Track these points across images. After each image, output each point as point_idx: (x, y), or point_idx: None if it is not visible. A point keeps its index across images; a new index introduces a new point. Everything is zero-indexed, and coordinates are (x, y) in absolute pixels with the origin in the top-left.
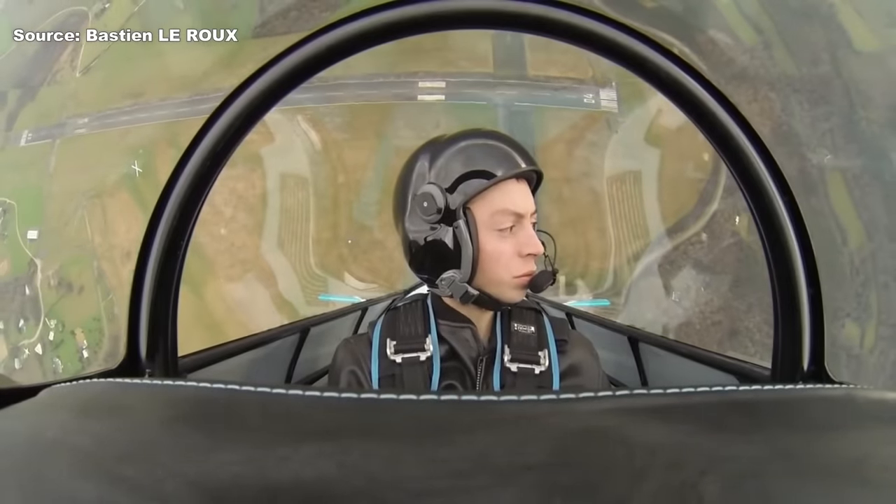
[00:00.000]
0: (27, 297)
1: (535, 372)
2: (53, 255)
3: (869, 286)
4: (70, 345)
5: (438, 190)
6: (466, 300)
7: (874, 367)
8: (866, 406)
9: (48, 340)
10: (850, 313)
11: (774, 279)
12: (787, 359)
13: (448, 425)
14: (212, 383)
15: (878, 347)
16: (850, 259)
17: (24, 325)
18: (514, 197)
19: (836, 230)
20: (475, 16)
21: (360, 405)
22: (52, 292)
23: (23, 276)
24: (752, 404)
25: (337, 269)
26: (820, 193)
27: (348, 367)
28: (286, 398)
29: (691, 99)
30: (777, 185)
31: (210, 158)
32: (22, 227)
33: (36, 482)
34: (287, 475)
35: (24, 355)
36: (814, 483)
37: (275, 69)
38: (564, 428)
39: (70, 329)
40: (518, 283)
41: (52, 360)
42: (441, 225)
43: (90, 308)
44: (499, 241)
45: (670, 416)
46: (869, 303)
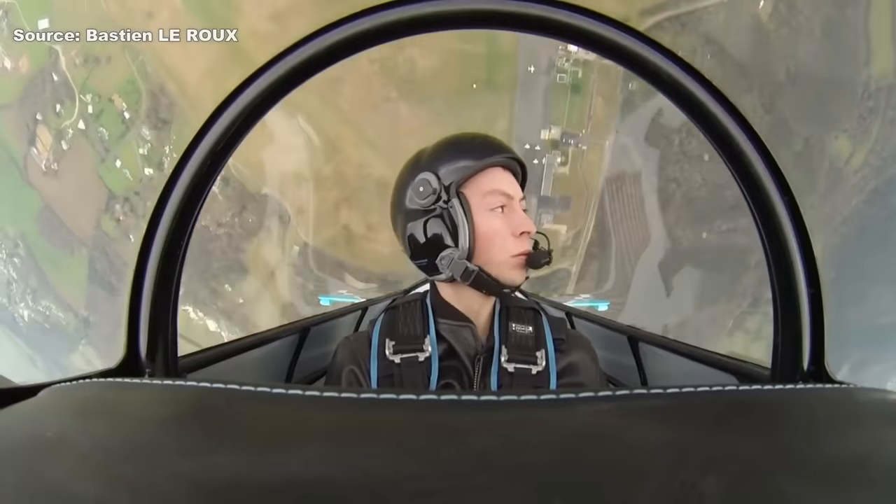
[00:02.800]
0: (57, 82)
1: (531, 372)
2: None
3: (876, 114)
4: (110, 112)
5: (432, 174)
6: (467, 277)
7: (851, 188)
8: (866, 406)
9: (88, 114)
10: (847, 129)
11: (774, 279)
12: (787, 359)
13: (448, 425)
14: (212, 383)
15: (862, 172)
16: (865, 80)
17: (61, 109)
18: (503, 180)
19: (863, 47)
20: (475, 16)
21: (360, 405)
22: (80, 70)
23: (46, 65)
24: (752, 404)
25: None
26: (860, 4)
27: (348, 366)
28: (286, 398)
29: (691, 99)
30: (777, 185)
31: (210, 158)
32: (31, 20)
33: (36, 482)
34: (287, 475)
35: (69, 135)
36: (814, 482)
37: (275, 69)
38: (564, 428)
39: (107, 97)
40: (516, 262)
41: (97, 131)
42: (437, 207)
43: (122, 73)
44: (493, 219)
45: (670, 416)
46: (869, 129)
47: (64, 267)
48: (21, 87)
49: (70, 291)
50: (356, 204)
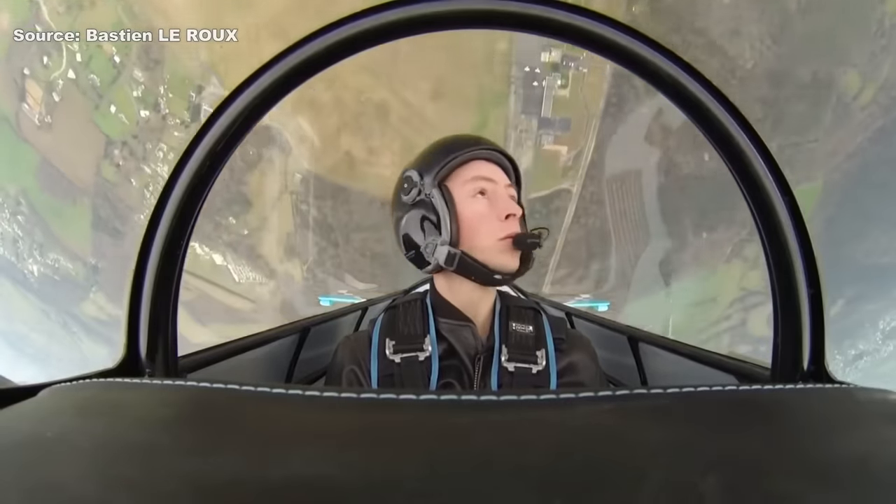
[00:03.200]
0: (40, 33)
1: (531, 371)
2: None
3: (888, 52)
4: (99, 57)
5: (415, 171)
6: (451, 262)
7: (857, 125)
8: (866, 406)
9: (77, 63)
10: (857, 65)
11: (774, 279)
12: (787, 358)
13: (448, 425)
14: (212, 383)
15: (869, 109)
16: (880, 17)
17: (48, 61)
18: (484, 168)
19: None
20: (475, 16)
21: (360, 405)
22: (64, 18)
23: (28, 20)
24: (752, 404)
25: None
26: None
27: (348, 366)
28: (286, 398)
29: (691, 99)
30: (777, 185)
31: (210, 158)
32: None
33: (36, 482)
34: (287, 475)
35: (60, 86)
36: (814, 482)
37: (275, 69)
38: (564, 428)
39: (94, 44)
40: (504, 246)
41: (88, 78)
42: (420, 199)
43: (108, 17)
44: (475, 204)
45: (670, 416)
46: (881, 67)
47: (67, 218)
48: (5, 43)
49: (76, 241)
50: (356, 129)
